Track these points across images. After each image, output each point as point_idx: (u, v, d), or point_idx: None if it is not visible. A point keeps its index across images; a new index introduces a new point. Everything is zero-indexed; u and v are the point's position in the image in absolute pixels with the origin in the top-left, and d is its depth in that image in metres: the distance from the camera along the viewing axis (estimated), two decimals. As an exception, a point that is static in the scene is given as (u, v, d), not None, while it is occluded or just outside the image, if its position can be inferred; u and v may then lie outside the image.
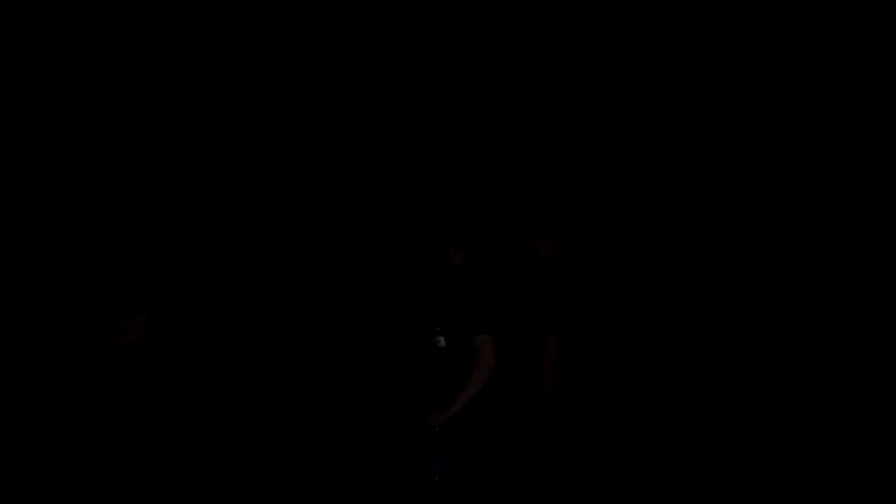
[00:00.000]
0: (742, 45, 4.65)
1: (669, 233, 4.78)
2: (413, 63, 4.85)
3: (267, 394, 4.53)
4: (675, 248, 4.75)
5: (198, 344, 4.28)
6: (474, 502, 3.74)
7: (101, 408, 3.82)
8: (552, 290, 3.99)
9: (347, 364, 4.40)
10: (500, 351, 3.71)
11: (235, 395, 4.43)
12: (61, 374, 3.79)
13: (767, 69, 4.64)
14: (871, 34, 4.43)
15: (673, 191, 4.81)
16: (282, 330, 4.64)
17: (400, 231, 4.59)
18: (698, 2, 4.65)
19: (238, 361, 4.49)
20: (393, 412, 3.95)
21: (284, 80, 4.78)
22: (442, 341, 3.73)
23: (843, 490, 4.22)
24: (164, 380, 3.99)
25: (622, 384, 4.29)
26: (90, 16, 4.51)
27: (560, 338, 3.97)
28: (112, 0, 4.53)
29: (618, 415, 4.26)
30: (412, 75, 4.85)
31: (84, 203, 4.46)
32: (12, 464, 3.78)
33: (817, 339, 4.49)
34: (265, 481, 4.41)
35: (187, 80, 4.69)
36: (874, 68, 4.45)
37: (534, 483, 4.06)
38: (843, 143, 4.52)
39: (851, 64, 4.48)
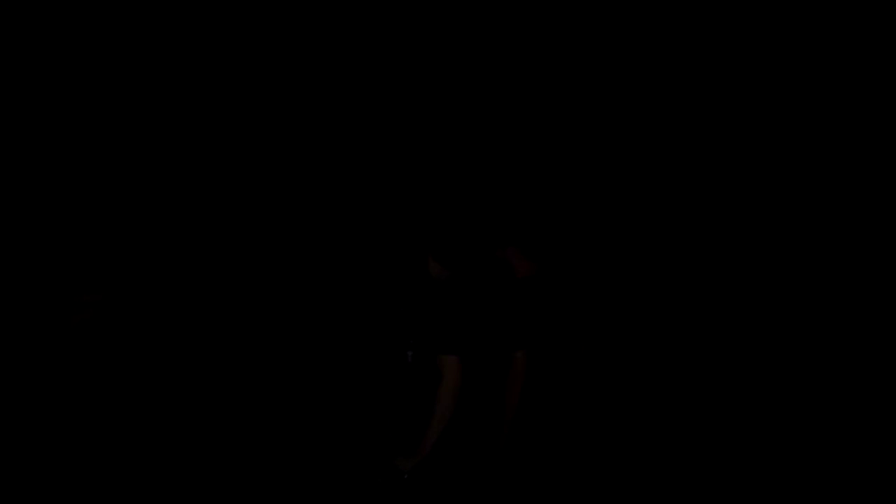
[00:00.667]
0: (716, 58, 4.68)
1: (644, 251, 4.79)
2: (395, 75, 4.85)
3: (215, 399, 4.42)
4: (650, 265, 4.76)
5: (150, 330, 4.12)
6: None
7: (44, 387, 3.67)
8: (522, 307, 3.91)
9: (307, 375, 4.25)
10: (466, 372, 3.58)
11: (182, 390, 4.27)
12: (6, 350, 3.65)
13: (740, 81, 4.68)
14: (870, 34, 4.43)
15: (648, 211, 4.82)
16: (246, 332, 4.55)
17: (378, 239, 4.52)
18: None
19: (190, 356, 4.35)
20: (359, 454, 3.81)
21: (255, 95, 4.81)
22: (409, 359, 3.62)
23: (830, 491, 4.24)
24: (110, 363, 3.82)
25: (592, 399, 4.27)
26: (90, 16, 4.54)
27: (529, 353, 3.86)
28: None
29: (588, 431, 4.25)
30: (397, 85, 4.86)
31: (47, 177, 4.42)
32: None
33: (787, 355, 4.53)
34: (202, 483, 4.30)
35: (169, 72, 4.70)
36: (874, 68, 4.45)
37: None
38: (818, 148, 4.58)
39: (851, 64, 4.48)
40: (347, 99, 4.84)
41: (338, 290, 4.10)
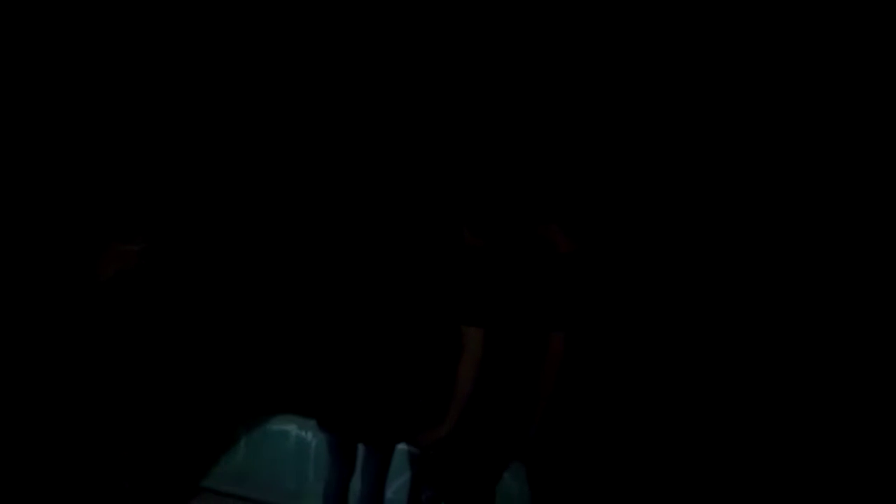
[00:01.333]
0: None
1: (688, 234, 4.62)
2: (439, 52, 4.76)
3: (239, 357, 4.40)
4: (693, 248, 4.59)
5: (189, 283, 4.05)
6: None
7: (73, 342, 3.51)
8: (561, 286, 3.72)
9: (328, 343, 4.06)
10: (494, 346, 3.46)
11: (213, 344, 4.28)
12: (32, 296, 3.46)
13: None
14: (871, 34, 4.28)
15: (694, 196, 4.65)
16: (277, 296, 4.48)
17: (414, 207, 4.27)
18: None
19: (224, 310, 4.35)
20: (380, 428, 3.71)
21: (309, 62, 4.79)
22: (429, 329, 3.56)
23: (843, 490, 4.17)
24: (145, 316, 3.69)
25: (628, 386, 4.13)
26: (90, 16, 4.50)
27: (567, 335, 3.67)
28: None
29: (622, 419, 4.09)
30: (439, 64, 4.77)
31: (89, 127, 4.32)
32: None
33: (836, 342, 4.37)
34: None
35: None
36: (874, 68, 4.32)
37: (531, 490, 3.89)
38: (842, 144, 4.42)
39: (851, 64, 4.33)
40: (393, 68, 4.76)
41: (364, 257, 4.00)
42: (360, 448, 3.86)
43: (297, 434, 4.53)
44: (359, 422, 3.64)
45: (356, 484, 3.87)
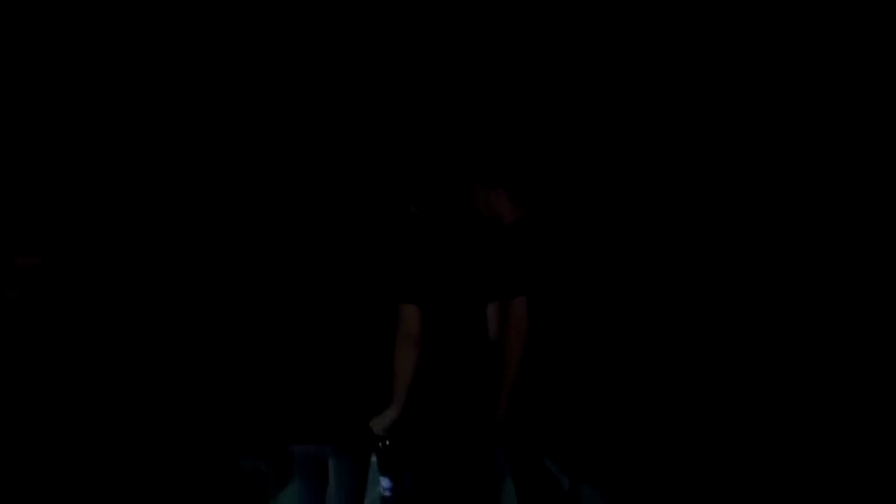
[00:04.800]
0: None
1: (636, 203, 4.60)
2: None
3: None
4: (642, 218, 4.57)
5: (94, 300, 3.72)
6: None
7: None
8: (515, 252, 3.64)
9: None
10: (436, 322, 3.39)
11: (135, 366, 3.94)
12: None
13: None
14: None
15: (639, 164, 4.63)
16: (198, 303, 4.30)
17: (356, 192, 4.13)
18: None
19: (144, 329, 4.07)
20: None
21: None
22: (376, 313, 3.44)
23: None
24: (48, 337, 3.41)
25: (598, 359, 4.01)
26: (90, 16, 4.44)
27: (531, 303, 3.56)
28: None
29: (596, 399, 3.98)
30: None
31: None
32: None
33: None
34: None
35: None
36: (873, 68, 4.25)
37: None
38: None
39: (843, 64, 4.29)
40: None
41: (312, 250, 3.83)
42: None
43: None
44: (333, 426, 3.50)
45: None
